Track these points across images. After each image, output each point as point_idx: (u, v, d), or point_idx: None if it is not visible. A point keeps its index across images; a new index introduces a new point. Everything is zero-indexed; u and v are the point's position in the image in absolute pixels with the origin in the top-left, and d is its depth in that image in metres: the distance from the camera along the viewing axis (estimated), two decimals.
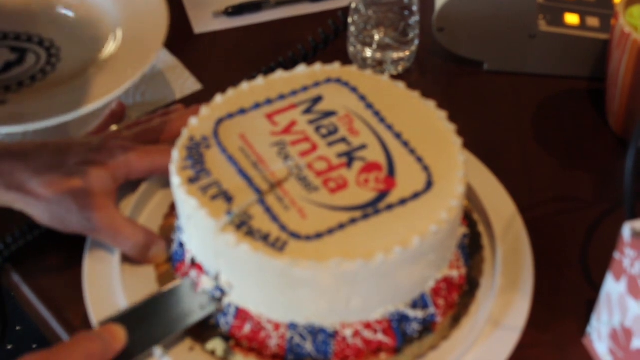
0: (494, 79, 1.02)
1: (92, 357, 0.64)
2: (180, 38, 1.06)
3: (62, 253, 0.81)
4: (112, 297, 0.75)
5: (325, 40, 1.03)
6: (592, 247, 0.84)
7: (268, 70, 0.99)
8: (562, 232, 0.85)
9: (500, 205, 0.84)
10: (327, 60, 1.01)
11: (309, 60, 1.01)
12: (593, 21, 1.00)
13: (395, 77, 1.01)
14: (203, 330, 0.73)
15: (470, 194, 0.84)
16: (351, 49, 1.02)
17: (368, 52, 1.00)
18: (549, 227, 0.85)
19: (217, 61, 1.05)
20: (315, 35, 1.03)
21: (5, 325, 0.87)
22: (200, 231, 0.71)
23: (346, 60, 1.02)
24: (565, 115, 0.99)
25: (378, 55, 1.00)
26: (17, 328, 1.59)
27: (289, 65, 0.99)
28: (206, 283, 0.72)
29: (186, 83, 0.99)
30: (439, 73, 1.04)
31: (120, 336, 0.68)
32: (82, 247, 0.80)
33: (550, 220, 0.86)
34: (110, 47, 0.93)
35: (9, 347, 1.57)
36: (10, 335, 1.58)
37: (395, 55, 1.01)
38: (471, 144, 0.89)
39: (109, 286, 0.76)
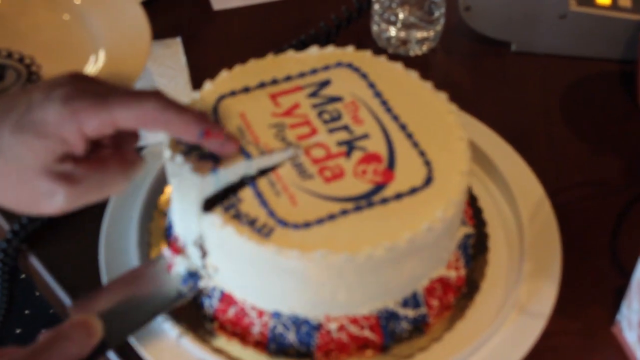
0: (521, 61, 1.00)
1: (69, 358, 0.61)
2: (199, 14, 1.05)
3: (79, 234, 0.80)
4: None
5: (348, 18, 1.00)
6: (622, 233, 0.82)
7: (289, 49, 0.96)
8: (591, 217, 0.83)
9: (528, 189, 0.82)
10: (350, 38, 0.99)
11: (332, 39, 0.99)
12: (625, 1, 0.97)
13: (419, 57, 0.99)
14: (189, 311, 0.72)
15: (498, 177, 0.82)
16: (375, 28, 0.99)
17: (392, 31, 0.98)
18: (578, 212, 0.83)
19: (236, 38, 1.03)
20: (339, 13, 1.01)
21: (11, 303, 0.85)
22: (184, 196, 0.68)
23: (369, 39, 1.00)
24: (595, 98, 0.96)
25: (402, 34, 0.98)
26: (26, 312, 1.60)
27: (311, 43, 0.97)
28: (180, 265, 0.70)
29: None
30: (465, 54, 1.01)
31: (96, 331, 0.64)
32: (99, 228, 0.79)
33: (579, 205, 0.84)
34: (91, 68, 0.91)
35: (18, 331, 1.57)
36: (18, 319, 1.59)
37: (420, 34, 0.98)
38: (498, 126, 0.87)
39: (126, 267, 0.75)
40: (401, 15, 0.97)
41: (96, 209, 0.76)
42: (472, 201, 0.80)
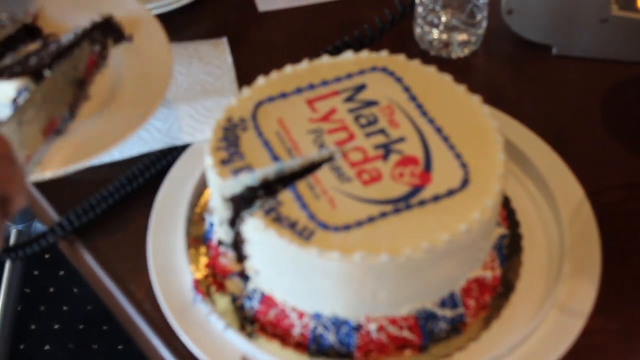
0: (562, 64, 1.00)
1: None
2: (244, 16, 1.06)
3: (128, 226, 0.83)
4: (175, 269, 0.76)
5: (391, 21, 1.01)
6: None
7: (334, 50, 0.98)
8: (631, 219, 0.83)
9: (568, 190, 0.82)
10: (393, 41, 1.00)
11: (375, 41, 1.00)
12: None
13: (461, 60, 1.00)
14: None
15: (538, 179, 0.83)
16: (417, 30, 1.01)
17: (435, 34, 0.99)
18: (618, 213, 0.83)
19: (281, 40, 1.04)
20: (382, 15, 1.02)
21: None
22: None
23: (412, 41, 1.01)
24: (636, 102, 0.96)
25: (444, 36, 0.99)
26: (64, 308, 1.62)
27: (354, 45, 0.99)
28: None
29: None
30: (506, 57, 1.02)
31: None
32: (147, 220, 0.81)
33: (619, 207, 0.84)
34: None
35: (56, 326, 1.59)
36: (57, 315, 1.61)
37: (462, 37, 0.99)
38: (539, 129, 0.88)
39: (173, 258, 0.77)
40: (444, 18, 0.98)
41: (145, 202, 0.80)
42: (505, 202, 0.81)
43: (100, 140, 0.83)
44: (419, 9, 0.99)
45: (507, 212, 0.80)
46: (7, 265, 1.60)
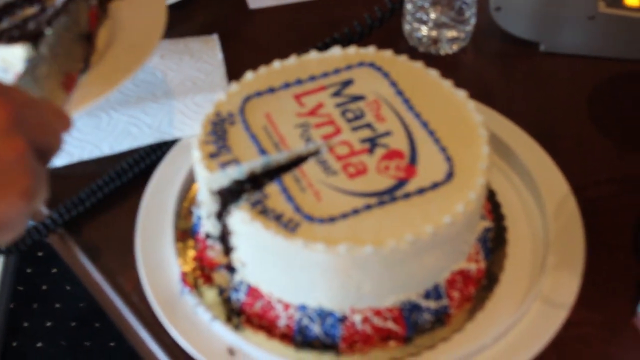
0: (550, 60, 1.01)
1: None
2: (234, 13, 1.07)
3: (117, 220, 0.83)
4: (163, 262, 0.77)
5: (381, 18, 1.02)
6: None
7: (323, 47, 0.98)
8: (615, 213, 0.84)
9: (553, 185, 0.83)
10: (382, 37, 1.01)
11: (364, 38, 1.01)
12: None
13: (450, 56, 1.01)
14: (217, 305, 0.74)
15: (524, 173, 0.84)
16: (406, 27, 1.01)
17: (424, 30, 1.00)
18: (603, 208, 0.84)
19: (271, 37, 1.05)
20: (371, 12, 1.03)
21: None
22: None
23: (401, 38, 1.02)
24: (623, 98, 0.97)
25: (433, 33, 0.99)
26: (57, 305, 1.62)
27: (344, 42, 0.99)
28: None
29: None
30: (495, 53, 1.03)
31: None
32: (135, 214, 0.81)
33: (604, 201, 0.85)
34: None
35: (48, 324, 1.60)
36: (49, 312, 1.61)
37: (451, 34, 1.00)
38: (527, 124, 0.89)
39: (161, 251, 0.78)
40: (433, 15, 0.99)
41: (134, 196, 0.81)
42: (490, 196, 0.82)
43: (107, 81, 0.84)
44: (408, 6, 0.99)
45: (493, 206, 0.81)
46: (0, 262, 1.61)
